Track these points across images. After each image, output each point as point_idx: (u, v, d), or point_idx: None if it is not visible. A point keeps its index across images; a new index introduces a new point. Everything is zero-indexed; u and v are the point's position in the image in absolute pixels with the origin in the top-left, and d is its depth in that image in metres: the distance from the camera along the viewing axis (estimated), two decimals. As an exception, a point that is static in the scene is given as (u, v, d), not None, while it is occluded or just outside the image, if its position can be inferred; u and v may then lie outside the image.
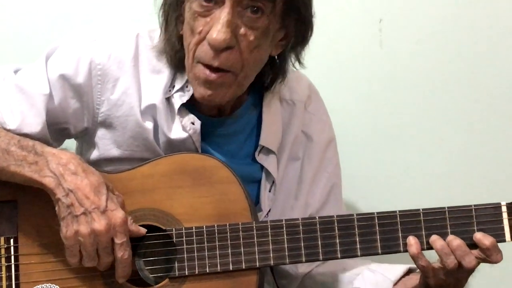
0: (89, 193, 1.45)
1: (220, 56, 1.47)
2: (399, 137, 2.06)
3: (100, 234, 1.44)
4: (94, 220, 1.44)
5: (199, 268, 1.52)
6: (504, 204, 1.51)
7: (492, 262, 1.49)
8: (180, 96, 1.59)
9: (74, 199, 1.44)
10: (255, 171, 1.68)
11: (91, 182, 1.46)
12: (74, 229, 1.45)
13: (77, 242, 1.45)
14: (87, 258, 1.47)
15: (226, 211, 1.53)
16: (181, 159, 1.56)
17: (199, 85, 1.51)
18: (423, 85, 2.04)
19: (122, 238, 1.46)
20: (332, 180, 1.75)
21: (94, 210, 1.44)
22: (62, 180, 1.45)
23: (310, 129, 1.73)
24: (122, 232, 1.46)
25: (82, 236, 1.44)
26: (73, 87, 1.57)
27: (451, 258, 1.48)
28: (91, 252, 1.46)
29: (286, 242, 1.52)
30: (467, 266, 1.47)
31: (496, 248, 1.49)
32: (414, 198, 1.60)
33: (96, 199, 1.45)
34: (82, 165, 1.48)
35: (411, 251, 1.50)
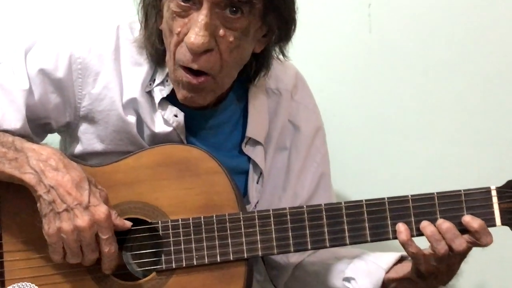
0: (71, 189, 1.43)
1: (200, 59, 1.45)
2: (390, 125, 2.04)
3: (83, 230, 1.42)
4: (77, 217, 1.42)
5: (186, 260, 1.50)
6: (494, 188, 1.49)
7: (482, 245, 1.47)
8: (160, 90, 1.57)
9: (56, 195, 1.42)
10: (242, 162, 1.66)
11: (73, 178, 1.44)
12: (56, 226, 1.43)
13: (60, 239, 1.43)
14: (70, 255, 1.45)
15: (213, 202, 1.52)
16: (166, 150, 1.54)
17: (181, 88, 1.50)
18: (413, 71, 2.02)
19: (107, 233, 1.44)
20: (321, 170, 1.73)
21: (76, 206, 1.42)
22: (43, 177, 1.43)
23: (297, 119, 1.71)
24: (107, 227, 1.44)
25: (65, 233, 1.42)
26: (53, 81, 1.55)
27: (442, 243, 1.46)
28: (74, 249, 1.44)
29: (274, 232, 1.51)
30: (457, 249, 1.46)
31: (485, 231, 1.47)
32: (406, 185, 1.58)
33: (78, 195, 1.43)
34: (63, 160, 1.46)
35: (401, 238, 1.48)
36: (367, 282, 1.58)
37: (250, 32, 1.48)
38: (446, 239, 1.46)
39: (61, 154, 1.47)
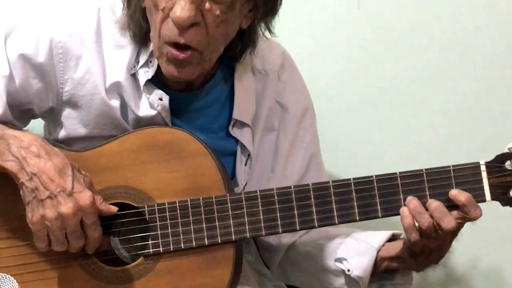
0: (54, 176, 1.41)
1: (186, 33, 1.43)
2: (379, 101, 2.02)
3: (67, 217, 1.40)
4: (61, 204, 1.40)
5: (173, 244, 1.49)
6: (483, 163, 1.47)
7: (471, 219, 1.45)
8: (145, 72, 1.55)
9: (39, 182, 1.40)
10: (230, 144, 1.64)
11: (55, 164, 1.42)
12: (40, 213, 1.41)
13: (44, 227, 1.42)
14: (55, 243, 1.43)
15: (199, 185, 1.50)
16: (150, 133, 1.52)
17: (167, 64, 1.48)
18: (403, 46, 2.00)
19: (92, 219, 1.43)
20: (311, 150, 1.71)
21: (59, 193, 1.40)
22: (25, 164, 1.41)
23: (285, 99, 1.69)
24: (91, 212, 1.42)
25: (49, 220, 1.40)
26: (34, 67, 1.53)
27: (425, 217, 1.45)
28: (59, 236, 1.42)
29: (261, 214, 1.49)
30: (446, 227, 1.44)
31: (473, 204, 1.45)
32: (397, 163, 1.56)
33: (61, 181, 1.41)
34: (45, 146, 1.44)
35: (406, 223, 1.46)
36: (359, 261, 1.57)
37: (236, 6, 1.46)
38: (434, 218, 1.44)
39: (43, 140, 1.46)
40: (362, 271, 1.56)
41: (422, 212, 1.45)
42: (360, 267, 1.56)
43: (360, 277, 1.56)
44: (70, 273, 1.49)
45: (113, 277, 1.49)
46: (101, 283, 1.49)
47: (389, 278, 1.60)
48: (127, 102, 1.56)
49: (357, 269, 1.56)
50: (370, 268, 1.56)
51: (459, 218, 1.45)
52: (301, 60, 1.76)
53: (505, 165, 1.47)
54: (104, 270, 1.49)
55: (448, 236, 1.47)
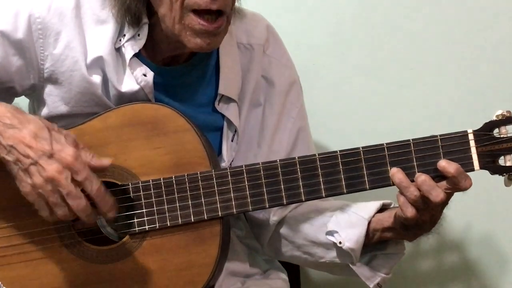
0: (31, 142, 1.37)
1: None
2: (367, 73, 2.00)
3: (54, 179, 1.36)
4: (44, 168, 1.36)
5: (159, 222, 1.47)
6: (471, 132, 1.45)
7: (462, 190, 1.44)
8: (132, 46, 1.52)
9: (18, 153, 1.38)
10: (216, 120, 1.62)
11: (30, 131, 1.38)
12: (29, 183, 1.38)
13: (38, 195, 1.38)
14: (55, 207, 1.38)
15: (184, 161, 1.48)
16: (132, 110, 1.50)
17: (195, 36, 1.45)
18: (395, 19, 1.98)
19: (82, 174, 1.38)
20: (298, 124, 1.70)
21: (40, 157, 1.37)
22: (1, 138, 1.39)
23: (270, 73, 1.67)
24: (79, 168, 1.37)
25: (39, 187, 1.37)
26: (13, 43, 1.51)
27: (411, 189, 1.43)
28: (55, 200, 1.38)
29: (247, 189, 1.48)
30: (435, 200, 1.42)
31: (462, 174, 1.43)
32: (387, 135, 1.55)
33: (39, 145, 1.37)
34: (17, 116, 1.40)
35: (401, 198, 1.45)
36: (350, 233, 1.56)
37: None
38: (422, 192, 1.43)
39: (15, 109, 1.42)
40: (354, 243, 1.55)
41: (407, 185, 1.43)
42: (351, 239, 1.55)
43: (352, 249, 1.55)
44: (55, 254, 1.47)
45: (99, 256, 1.48)
46: (87, 262, 1.48)
47: (381, 248, 1.59)
48: (109, 78, 1.53)
49: (349, 241, 1.55)
50: (362, 239, 1.54)
51: (449, 188, 1.43)
52: (287, 31, 1.74)
53: (493, 133, 1.45)
54: (90, 250, 1.48)
55: (439, 207, 1.46)
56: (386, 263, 1.59)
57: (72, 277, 1.48)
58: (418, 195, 1.42)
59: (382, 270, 1.58)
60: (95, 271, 1.47)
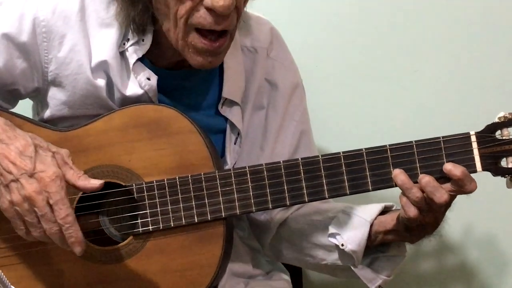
0: (15, 159, 1.36)
1: (225, 20, 1.42)
2: (369, 75, 2.00)
3: (32, 198, 1.35)
4: (23, 186, 1.35)
5: (163, 222, 1.47)
6: (473, 134, 1.45)
7: (466, 192, 1.44)
8: (135, 50, 1.53)
9: (1, 168, 1.37)
10: (219, 123, 1.63)
11: (16, 147, 1.37)
12: (7, 199, 1.37)
13: (15, 212, 1.37)
14: (30, 227, 1.38)
15: (187, 162, 1.48)
16: (136, 111, 1.50)
17: (197, 54, 1.46)
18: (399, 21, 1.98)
19: (55, 197, 1.35)
20: (301, 127, 1.70)
21: (22, 175, 1.35)
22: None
23: (274, 76, 1.67)
24: (53, 190, 1.35)
25: (17, 205, 1.36)
26: (18, 46, 1.51)
27: (414, 190, 1.43)
28: (31, 220, 1.37)
29: (251, 190, 1.48)
30: (439, 201, 1.42)
31: (468, 177, 1.43)
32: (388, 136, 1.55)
33: (22, 163, 1.36)
34: (6, 131, 1.39)
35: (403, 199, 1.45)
36: (352, 235, 1.56)
37: None
38: (426, 193, 1.43)
39: (6, 123, 1.41)
40: (356, 245, 1.55)
41: (410, 187, 1.43)
42: (354, 241, 1.55)
43: (354, 251, 1.55)
44: (58, 254, 1.48)
45: (103, 256, 1.48)
46: (91, 263, 1.48)
47: (382, 250, 1.59)
48: (114, 81, 1.54)
49: (351, 243, 1.55)
50: (364, 242, 1.55)
51: (453, 191, 1.44)
52: (290, 33, 1.75)
53: (495, 135, 1.45)
54: (94, 250, 1.48)
55: (442, 208, 1.46)
56: (388, 265, 1.59)
57: (76, 278, 1.48)
58: (421, 197, 1.43)
59: (384, 272, 1.59)
60: (99, 271, 1.48)
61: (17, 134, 1.40)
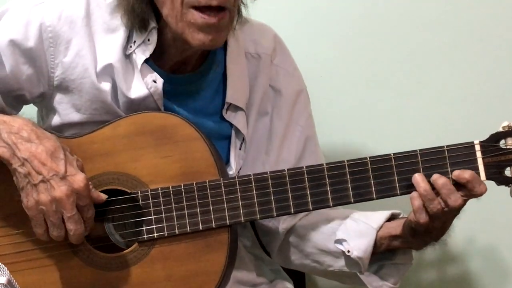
0: (46, 160, 1.40)
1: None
2: (374, 83, 2.00)
3: (61, 201, 1.39)
4: (54, 188, 1.39)
5: (168, 230, 1.48)
6: (478, 143, 1.46)
7: (477, 195, 1.45)
8: (143, 51, 1.54)
9: (31, 167, 1.40)
10: (224, 129, 1.63)
11: (47, 148, 1.41)
12: (34, 198, 1.40)
13: (39, 211, 1.41)
14: (52, 227, 1.42)
15: (192, 170, 1.49)
16: (142, 119, 1.51)
17: (197, 32, 1.45)
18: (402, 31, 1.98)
19: (86, 201, 1.42)
20: (306, 133, 1.70)
21: (52, 177, 1.39)
22: (16, 150, 1.40)
23: (278, 83, 1.68)
24: (85, 195, 1.42)
25: (44, 204, 1.40)
26: (24, 52, 1.52)
27: (435, 203, 1.44)
28: (55, 220, 1.41)
29: (255, 197, 1.49)
30: (452, 205, 1.43)
31: (477, 179, 1.44)
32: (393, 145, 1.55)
33: (54, 165, 1.40)
34: (35, 131, 1.43)
35: (416, 204, 1.46)
36: (358, 242, 1.56)
37: None
38: (441, 195, 1.44)
39: (33, 124, 1.45)
40: (362, 252, 1.55)
41: (432, 198, 1.44)
42: (360, 248, 1.56)
43: (360, 258, 1.56)
44: (64, 260, 1.48)
45: (108, 263, 1.49)
46: (96, 270, 1.48)
47: (389, 257, 1.60)
48: (118, 85, 1.54)
49: (357, 250, 1.56)
50: (370, 249, 1.55)
51: (465, 195, 1.44)
52: (295, 43, 1.75)
53: (499, 144, 1.46)
54: (99, 257, 1.49)
55: (452, 214, 1.47)
56: (394, 273, 1.59)
57: (81, 284, 1.49)
58: (441, 209, 1.43)
59: (390, 279, 1.59)
60: (103, 278, 1.48)
61: (47, 135, 1.43)
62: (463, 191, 1.45)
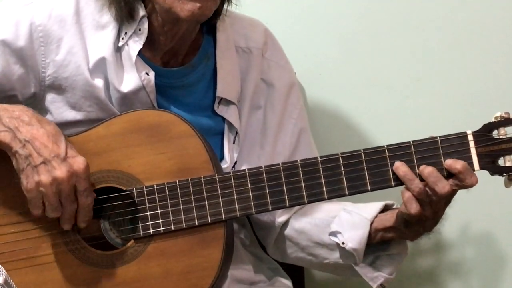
0: (47, 142, 1.41)
1: None
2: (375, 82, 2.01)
3: (62, 182, 1.40)
4: (55, 168, 1.40)
5: (163, 226, 1.48)
6: (470, 133, 1.47)
7: (468, 186, 1.45)
8: (135, 41, 1.54)
9: (32, 149, 1.41)
10: (217, 123, 1.64)
11: (48, 131, 1.42)
12: (35, 180, 1.41)
13: (39, 193, 1.41)
14: (50, 209, 1.43)
15: (187, 166, 1.49)
16: (136, 116, 1.51)
17: (185, 3, 1.46)
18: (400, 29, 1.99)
19: (85, 185, 1.43)
20: (299, 125, 1.71)
21: (53, 158, 1.40)
22: (17, 133, 1.41)
23: (270, 76, 1.69)
24: (85, 178, 1.42)
25: (44, 186, 1.40)
26: (15, 52, 1.52)
27: (415, 182, 1.44)
28: (54, 202, 1.42)
29: (250, 192, 1.49)
30: (440, 192, 1.44)
31: (469, 171, 1.44)
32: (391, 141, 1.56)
33: (55, 147, 1.41)
34: (36, 116, 1.45)
35: (406, 194, 1.46)
36: (353, 234, 1.57)
37: None
38: (429, 184, 1.44)
39: (34, 111, 1.46)
40: (357, 243, 1.56)
41: (412, 178, 1.45)
42: (354, 240, 1.56)
43: (355, 249, 1.56)
44: (61, 259, 1.49)
45: (104, 261, 1.49)
46: (92, 267, 1.49)
47: (384, 249, 1.60)
48: (110, 80, 1.55)
49: (352, 241, 1.56)
50: (364, 240, 1.56)
51: (455, 185, 1.45)
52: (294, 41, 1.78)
53: (492, 134, 1.46)
54: (95, 255, 1.49)
55: (442, 202, 1.47)
56: (389, 264, 1.60)
57: (78, 282, 1.49)
58: (423, 188, 1.44)
59: (385, 270, 1.60)
60: (100, 276, 1.48)
61: (47, 120, 1.45)
62: (453, 181, 1.45)
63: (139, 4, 1.53)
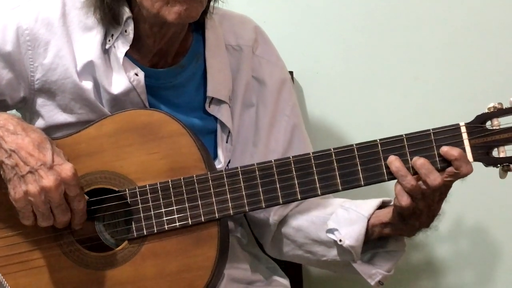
0: (33, 151, 1.40)
1: None
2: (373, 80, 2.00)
3: (50, 190, 1.39)
4: (42, 177, 1.39)
5: (157, 226, 1.48)
6: (463, 125, 1.46)
7: (462, 175, 1.44)
8: (122, 43, 1.54)
9: (18, 158, 1.40)
10: (210, 123, 1.63)
11: (33, 139, 1.41)
12: (22, 190, 1.40)
13: (28, 203, 1.41)
14: (41, 218, 1.42)
15: (179, 165, 1.49)
16: (127, 116, 1.51)
17: (172, 5, 1.46)
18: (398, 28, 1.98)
19: (75, 191, 1.42)
20: (292, 122, 1.70)
21: (40, 167, 1.40)
22: (2, 142, 1.41)
23: (261, 73, 1.68)
24: (74, 184, 1.41)
25: (32, 195, 1.40)
26: (2, 57, 1.52)
27: (408, 179, 1.43)
28: (44, 211, 1.41)
29: (243, 189, 1.48)
30: (432, 184, 1.42)
31: (465, 159, 1.43)
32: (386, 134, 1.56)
33: (41, 155, 1.40)
34: (21, 124, 1.44)
35: (397, 187, 1.46)
36: (350, 231, 1.56)
37: None
38: (421, 175, 1.43)
39: (19, 118, 1.46)
40: (354, 240, 1.55)
41: (405, 174, 1.44)
42: (351, 236, 1.55)
43: (352, 246, 1.55)
44: (55, 261, 1.48)
45: (99, 263, 1.49)
46: (87, 269, 1.48)
47: (381, 245, 1.59)
48: (100, 82, 1.55)
49: (349, 238, 1.55)
50: (361, 237, 1.55)
51: (450, 175, 1.44)
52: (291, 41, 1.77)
53: (485, 125, 1.45)
54: (89, 257, 1.49)
55: (436, 195, 1.46)
56: (387, 261, 1.59)
57: (73, 285, 1.49)
58: (415, 185, 1.43)
59: (383, 267, 1.59)
60: (95, 277, 1.48)
61: (32, 128, 1.44)
62: (448, 172, 1.44)
63: (123, 9, 1.52)
